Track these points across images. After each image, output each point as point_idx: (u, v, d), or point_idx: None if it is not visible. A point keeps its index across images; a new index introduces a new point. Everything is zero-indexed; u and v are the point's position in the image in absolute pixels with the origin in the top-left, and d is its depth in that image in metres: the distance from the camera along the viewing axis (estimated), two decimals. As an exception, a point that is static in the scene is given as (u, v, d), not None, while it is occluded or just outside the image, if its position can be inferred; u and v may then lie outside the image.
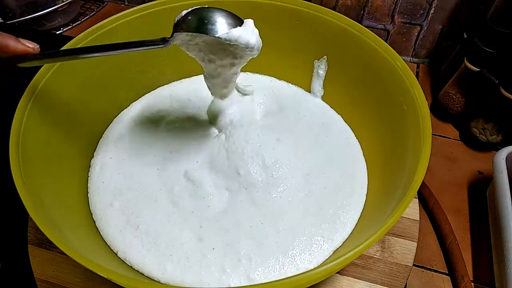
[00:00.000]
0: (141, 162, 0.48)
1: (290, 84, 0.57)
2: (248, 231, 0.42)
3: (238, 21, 0.37)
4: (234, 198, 0.44)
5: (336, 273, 0.43)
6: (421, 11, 0.66)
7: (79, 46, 0.44)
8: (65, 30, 0.78)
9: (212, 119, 0.51)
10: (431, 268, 0.49)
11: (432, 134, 0.37)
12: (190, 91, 0.56)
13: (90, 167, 0.48)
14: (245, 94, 0.53)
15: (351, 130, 0.52)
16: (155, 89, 0.56)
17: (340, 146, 0.50)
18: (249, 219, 0.43)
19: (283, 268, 0.40)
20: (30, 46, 0.35)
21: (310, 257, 0.41)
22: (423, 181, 0.35)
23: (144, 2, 0.50)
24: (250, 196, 0.44)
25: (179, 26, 0.35)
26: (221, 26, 0.35)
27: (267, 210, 0.43)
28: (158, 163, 0.47)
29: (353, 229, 0.43)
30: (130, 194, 0.45)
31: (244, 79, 0.57)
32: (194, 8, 0.36)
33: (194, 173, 0.46)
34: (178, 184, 0.45)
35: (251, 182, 0.45)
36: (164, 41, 0.36)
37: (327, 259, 0.41)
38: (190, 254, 0.40)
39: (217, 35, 0.35)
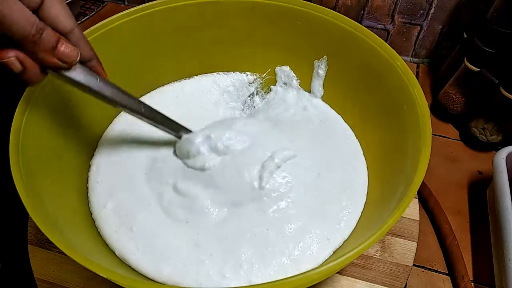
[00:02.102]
0: (133, 164, 0.47)
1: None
2: (251, 237, 0.41)
3: None
4: (238, 210, 0.43)
5: (336, 273, 0.43)
6: (421, 11, 0.66)
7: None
8: (65, 30, 0.78)
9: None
10: (431, 268, 0.49)
11: (432, 134, 0.37)
12: (189, 92, 0.56)
13: (90, 166, 0.48)
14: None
15: (351, 130, 0.52)
16: (155, 89, 0.56)
17: (341, 146, 0.50)
18: (254, 227, 0.42)
19: (285, 270, 0.40)
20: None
21: (311, 257, 0.40)
22: (423, 181, 0.35)
23: (144, 2, 0.50)
24: (256, 207, 0.43)
25: None
26: None
27: (273, 217, 0.43)
28: (147, 167, 0.47)
29: (354, 229, 0.43)
30: (122, 195, 0.44)
31: (244, 79, 0.58)
32: None
33: (187, 188, 0.44)
34: (168, 195, 0.44)
35: (257, 194, 0.44)
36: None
37: (327, 259, 0.41)
38: (187, 259, 0.40)
39: None
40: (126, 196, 0.44)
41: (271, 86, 0.57)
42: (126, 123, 0.52)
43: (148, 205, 0.44)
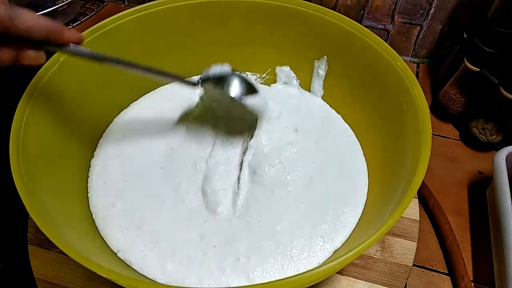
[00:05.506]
0: (143, 162, 0.48)
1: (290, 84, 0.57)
2: (248, 232, 0.42)
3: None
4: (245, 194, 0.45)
5: (336, 273, 0.43)
6: (421, 11, 0.66)
7: (79, 46, 0.44)
8: (65, 30, 0.78)
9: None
10: (431, 268, 0.49)
11: (432, 134, 0.37)
12: (190, 91, 0.56)
13: (90, 167, 0.48)
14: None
15: (351, 130, 0.52)
16: (155, 89, 0.56)
17: (341, 146, 0.50)
18: (251, 221, 0.43)
19: (282, 269, 0.40)
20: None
21: (311, 257, 0.41)
22: (423, 181, 0.35)
23: (144, 2, 0.50)
24: (254, 202, 0.44)
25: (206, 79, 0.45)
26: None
27: (270, 214, 0.43)
28: (160, 161, 0.48)
29: (354, 229, 0.43)
30: (132, 194, 0.45)
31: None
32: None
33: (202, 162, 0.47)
34: (187, 177, 0.46)
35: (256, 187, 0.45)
36: (195, 84, 0.45)
37: (327, 259, 0.41)
38: (192, 252, 0.40)
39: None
40: (137, 194, 0.45)
41: (272, 85, 0.57)
42: (126, 122, 0.52)
43: (158, 201, 0.44)
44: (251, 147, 0.47)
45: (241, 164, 0.46)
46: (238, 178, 0.46)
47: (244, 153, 0.47)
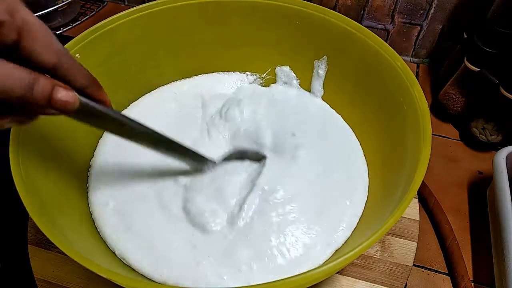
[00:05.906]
0: (134, 163, 0.47)
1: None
2: (249, 238, 0.41)
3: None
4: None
5: (336, 273, 0.43)
6: (421, 11, 0.66)
7: (79, 46, 0.44)
8: (65, 30, 0.78)
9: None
10: (431, 268, 0.49)
11: (432, 134, 0.37)
12: (190, 92, 0.56)
13: (89, 166, 0.48)
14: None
15: (351, 130, 0.52)
16: (155, 89, 0.56)
17: (341, 146, 0.50)
18: (253, 227, 0.42)
19: (284, 272, 0.39)
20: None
21: (311, 258, 0.40)
22: (423, 181, 0.35)
23: (144, 2, 0.50)
24: (255, 206, 0.43)
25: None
26: None
27: (272, 217, 0.43)
28: (149, 164, 0.47)
29: (354, 229, 0.43)
30: (123, 194, 0.44)
31: (244, 79, 0.58)
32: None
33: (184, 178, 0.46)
34: (168, 188, 0.45)
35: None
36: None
37: (327, 259, 0.41)
38: (185, 261, 0.40)
39: None
40: (127, 195, 0.45)
41: (272, 86, 0.57)
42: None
43: (146, 204, 0.44)
44: (259, 185, 0.44)
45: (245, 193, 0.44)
46: (240, 205, 0.43)
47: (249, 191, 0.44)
